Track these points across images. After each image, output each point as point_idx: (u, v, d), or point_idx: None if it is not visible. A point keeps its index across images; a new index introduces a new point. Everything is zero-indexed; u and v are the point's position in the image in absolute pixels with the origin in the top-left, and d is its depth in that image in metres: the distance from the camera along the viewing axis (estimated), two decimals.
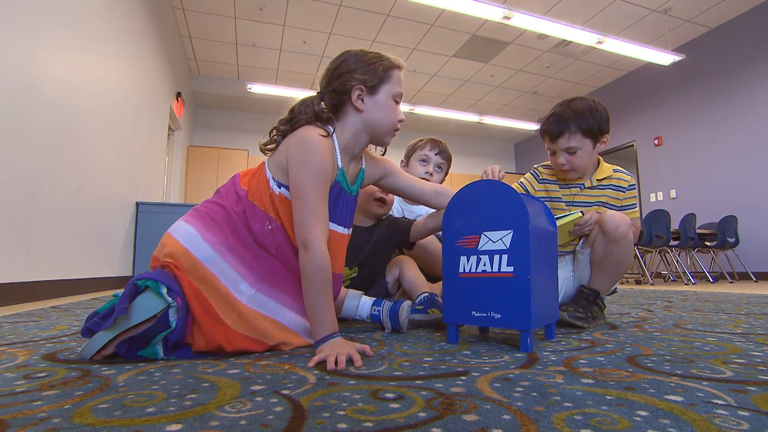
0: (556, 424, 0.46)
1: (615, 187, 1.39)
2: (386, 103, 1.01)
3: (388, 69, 1.01)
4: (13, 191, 2.02)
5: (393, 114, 1.02)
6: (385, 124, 1.02)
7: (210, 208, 0.94)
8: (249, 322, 0.87)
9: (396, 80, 1.02)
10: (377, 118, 1.00)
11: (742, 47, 5.27)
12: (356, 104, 0.99)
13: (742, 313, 1.57)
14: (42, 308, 1.84)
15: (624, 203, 1.39)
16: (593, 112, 1.30)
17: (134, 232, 3.95)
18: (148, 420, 0.48)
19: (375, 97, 1.00)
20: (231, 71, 6.74)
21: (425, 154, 1.72)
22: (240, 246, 0.91)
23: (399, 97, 1.04)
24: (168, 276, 0.83)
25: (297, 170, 0.90)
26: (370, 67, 0.99)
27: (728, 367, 0.72)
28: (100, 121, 3.03)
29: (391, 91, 1.01)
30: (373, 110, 1.00)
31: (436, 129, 8.60)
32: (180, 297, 0.81)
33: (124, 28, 3.46)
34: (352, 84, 0.98)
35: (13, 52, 1.98)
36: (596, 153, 1.37)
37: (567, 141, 1.30)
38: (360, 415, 0.49)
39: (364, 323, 1.35)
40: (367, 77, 0.98)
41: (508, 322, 0.91)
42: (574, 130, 1.29)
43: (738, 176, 5.29)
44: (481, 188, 1.00)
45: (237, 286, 0.88)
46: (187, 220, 0.93)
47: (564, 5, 4.97)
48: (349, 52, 1.03)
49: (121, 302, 0.77)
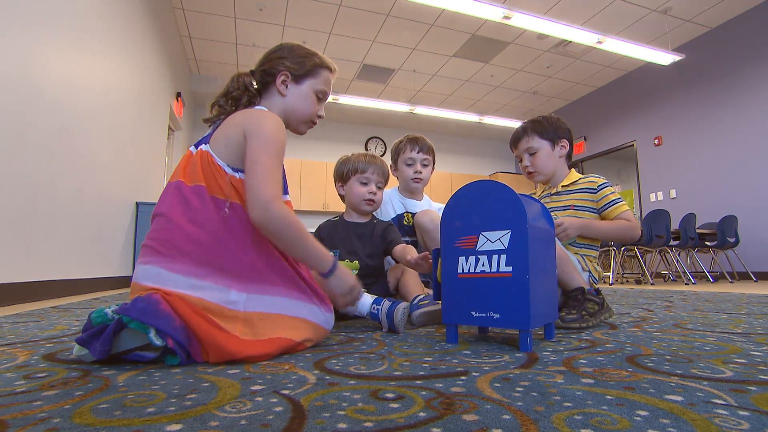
0: (556, 424, 0.46)
1: (583, 190, 1.47)
2: (307, 93, 1.08)
3: (318, 66, 1.08)
4: (13, 191, 2.02)
5: (312, 106, 1.09)
6: (302, 112, 1.08)
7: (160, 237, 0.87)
8: (254, 325, 0.84)
9: (323, 79, 1.09)
10: (296, 105, 1.07)
11: (742, 47, 5.27)
12: (279, 88, 1.05)
13: (742, 313, 1.57)
14: (42, 308, 1.85)
15: (603, 202, 1.44)
16: (548, 119, 1.53)
17: (134, 232, 3.95)
18: (148, 420, 0.48)
19: (298, 86, 1.07)
20: (231, 71, 6.62)
21: (409, 156, 1.78)
22: (211, 255, 0.86)
23: (322, 94, 1.10)
24: (156, 311, 0.74)
25: (255, 143, 0.90)
26: (300, 59, 1.07)
27: (728, 366, 0.72)
28: (100, 121, 3.03)
29: (315, 86, 1.08)
30: (293, 97, 1.07)
31: (436, 129, 8.61)
32: (172, 335, 0.74)
33: (124, 28, 3.46)
34: (279, 69, 1.05)
35: (13, 52, 1.98)
36: (558, 157, 1.51)
37: (526, 143, 1.52)
38: (360, 415, 0.49)
39: (364, 322, 1.35)
40: (294, 66, 1.06)
41: (508, 322, 0.91)
42: (531, 133, 1.51)
43: (738, 176, 5.29)
44: (479, 188, 1.01)
45: (227, 298, 0.83)
46: (145, 261, 0.86)
47: (564, 5, 4.97)
48: (287, 43, 1.11)
49: (102, 343, 0.72)
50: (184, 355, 0.76)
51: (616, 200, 1.43)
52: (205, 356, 0.78)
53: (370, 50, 6.06)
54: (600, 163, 7.94)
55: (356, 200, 1.53)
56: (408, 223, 1.75)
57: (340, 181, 1.57)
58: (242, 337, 0.80)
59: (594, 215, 1.46)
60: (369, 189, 1.52)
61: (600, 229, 1.42)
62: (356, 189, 1.52)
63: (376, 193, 1.53)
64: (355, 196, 1.52)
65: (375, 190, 1.53)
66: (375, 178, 1.53)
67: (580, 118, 7.78)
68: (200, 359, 0.77)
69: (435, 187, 8.31)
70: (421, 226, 1.61)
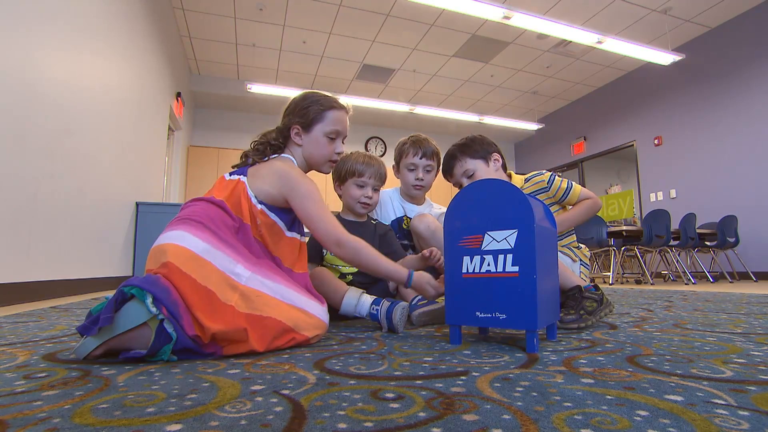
0: (556, 424, 0.46)
1: (536, 191, 1.51)
2: (318, 139, 1.20)
3: (322, 111, 1.20)
4: (13, 191, 2.02)
5: (324, 149, 1.21)
6: (317, 156, 1.22)
7: (191, 212, 1.00)
8: (251, 300, 0.90)
9: (329, 120, 1.20)
10: (311, 151, 1.21)
11: (742, 47, 5.27)
12: (294, 140, 1.21)
13: (742, 312, 1.57)
14: (42, 308, 1.84)
15: (559, 194, 1.50)
16: (472, 139, 1.53)
17: (134, 232, 3.95)
18: (148, 420, 0.48)
19: (309, 134, 1.20)
20: (231, 71, 6.74)
21: (411, 162, 1.70)
22: (229, 238, 0.98)
23: (334, 134, 1.21)
24: (156, 282, 0.81)
25: (300, 201, 1.09)
26: (304, 110, 1.19)
27: (728, 366, 0.72)
28: (100, 121, 3.03)
29: (324, 129, 1.20)
30: (308, 145, 1.21)
31: (436, 129, 8.60)
32: (166, 306, 0.78)
33: (124, 28, 3.46)
34: (290, 124, 1.20)
35: (13, 52, 1.98)
36: (495, 171, 1.52)
37: (461, 167, 1.51)
38: (360, 415, 0.49)
39: (364, 322, 1.35)
40: (301, 120, 1.19)
41: (514, 322, 0.90)
42: (461, 157, 1.51)
43: (738, 176, 5.29)
44: (483, 187, 1.00)
45: (233, 269, 0.92)
46: (172, 227, 0.96)
47: (564, 5, 4.97)
48: (296, 97, 1.23)
49: (105, 311, 0.76)
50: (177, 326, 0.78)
51: (568, 187, 1.49)
52: (198, 330, 0.81)
53: (370, 50, 6.06)
54: (600, 163, 7.94)
55: (351, 202, 1.53)
56: (407, 227, 1.73)
57: (338, 182, 1.57)
58: (236, 308, 0.86)
59: (556, 207, 1.53)
60: (365, 192, 1.51)
61: (572, 219, 1.49)
62: (352, 191, 1.52)
63: (371, 197, 1.52)
64: (350, 198, 1.53)
65: (371, 194, 1.52)
66: (372, 182, 1.52)
67: (580, 118, 7.78)
68: (191, 332, 0.80)
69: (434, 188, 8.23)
70: (417, 232, 1.58)
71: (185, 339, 0.79)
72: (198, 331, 0.80)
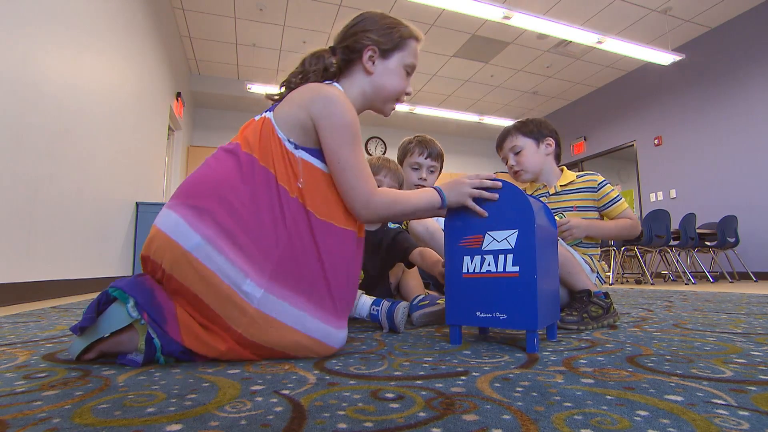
0: (556, 424, 0.46)
1: (583, 189, 1.47)
2: (397, 69, 1.00)
3: (406, 38, 1.01)
4: (13, 191, 2.02)
5: (402, 82, 1.01)
6: (390, 90, 1.00)
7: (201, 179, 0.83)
8: (263, 331, 0.77)
9: (411, 51, 1.01)
10: (385, 82, 0.99)
11: (742, 47, 5.27)
12: (366, 65, 0.98)
13: (742, 312, 1.57)
14: (42, 308, 1.84)
15: (604, 201, 1.45)
16: (532, 120, 1.54)
17: (134, 232, 3.95)
18: (148, 420, 0.48)
19: (386, 61, 0.99)
20: (231, 71, 6.74)
21: (415, 161, 1.70)
22: (239, 229, 0.78)
23: (411, 68, 1.02)
24: (139, 285, 0.75)
25: (331, 135, 0.85)
26: (387, 31, 0.98)
27: (728, 366, 0.72)
28: (100, 121, 3.03)
29: (404, 60, 1.00)
30: (383, 74, 0.99)
31: (436, 129, 8.60)
32: (148, 311, 0.72)
33: (124, 28, 3.46)
34: (366, 44, 0.97)
35: (13, 52, 1.98)
36: (544, 155, 1.51)
37: (510, 142, 1.52)
38: (360, 415, 0.49)
39: (364, 323, 1.35)
40: (382, 40, 0.97)
41: (514, 322, 0.90)
42: (515, 132, 1.52)
43: (738, 176, 5.28)
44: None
45: (240, 285, 0.75)
46: (171, 206, 0.81)
47: (564, 5, 4.97)
48: (369, 13, 1.02)
49: (88, 311, 0.73)
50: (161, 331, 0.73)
51: (616, 198, 1.44)
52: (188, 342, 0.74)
53: None
54: (600, 163, 7.94)
55: None
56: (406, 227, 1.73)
57: None
58: (244, 335, 0.76)
59: (595, 214, 1.47)
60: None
61: (605, 229, 1.44)
62: None
63: None
64: None
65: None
66: (387, 182, 1.46)
67: (580, 118, 7.78)
68: (178, 338, 0.74)
69: None
70: (416, 234, 1.57)
71: (172, 344, 0.73)
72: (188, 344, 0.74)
